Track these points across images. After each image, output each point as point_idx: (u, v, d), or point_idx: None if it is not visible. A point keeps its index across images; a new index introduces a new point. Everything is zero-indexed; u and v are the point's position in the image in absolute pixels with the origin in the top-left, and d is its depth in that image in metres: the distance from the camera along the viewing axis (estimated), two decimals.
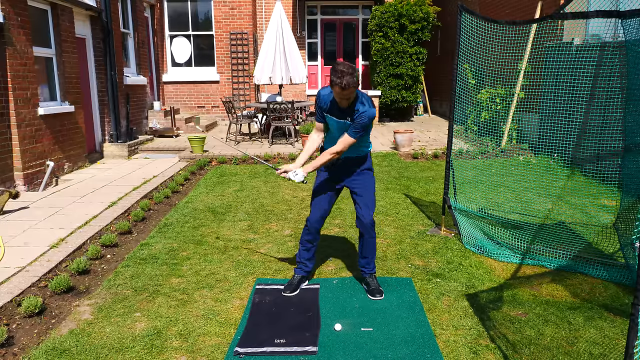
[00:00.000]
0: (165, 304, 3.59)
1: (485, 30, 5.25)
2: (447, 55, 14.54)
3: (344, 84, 3.21)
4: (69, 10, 8.05)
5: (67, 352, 3.00)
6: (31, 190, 6.75)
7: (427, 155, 8.99)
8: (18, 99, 6.58)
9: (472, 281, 3.90)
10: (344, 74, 3.20)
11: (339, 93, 3.29)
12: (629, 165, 4.55)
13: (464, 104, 5.45)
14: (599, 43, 6.54)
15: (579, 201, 5.65)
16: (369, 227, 3.65)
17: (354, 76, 3.22)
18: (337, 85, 3.23)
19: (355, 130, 3.41)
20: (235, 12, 13.49)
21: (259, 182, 7.25)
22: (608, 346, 3.00)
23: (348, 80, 3.20)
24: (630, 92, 4.44)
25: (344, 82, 3.20)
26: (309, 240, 3.77)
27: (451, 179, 5.02)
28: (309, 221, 3.74)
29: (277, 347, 3.04)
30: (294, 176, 3.60)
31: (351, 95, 3.32)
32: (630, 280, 3.82)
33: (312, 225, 3.73)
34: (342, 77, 3.20)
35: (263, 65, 10.69)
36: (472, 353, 2.95)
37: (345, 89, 3.24)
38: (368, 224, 3.64)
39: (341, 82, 3.21)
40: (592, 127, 6.12)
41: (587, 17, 3.94)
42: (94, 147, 9.27)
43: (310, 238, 3.77)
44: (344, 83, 3.20)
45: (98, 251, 4.47)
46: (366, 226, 3.65)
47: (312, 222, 3.72)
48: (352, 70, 3.23)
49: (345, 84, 3.21)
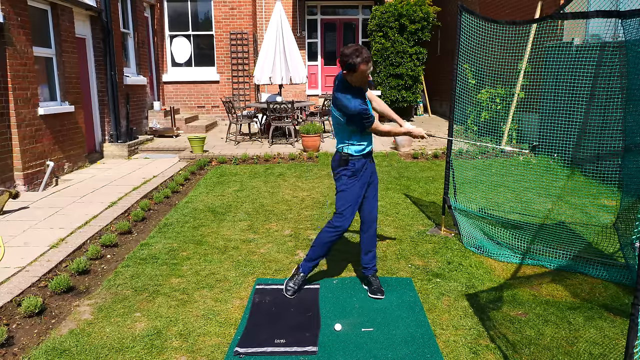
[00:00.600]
0: (165, 304, 3.59)
1: (485, 30, 5.24)
2: (447, 55, 14.54)
3: (365, 57, 3.23)
4: (69, 10, 8.05)
5: (67, 352, 3.00)
6: (31, 190, 6.75)
7: (427, 155, 9.00)
8: (18, 99, 6.58)
9: (472, 281, 3.90)
10: (357, 51, 3.23)
11: (364, 70, 3.27)
12: (629, 165, 4.55)
13: (464, 104, 5.45)
14: (599, 43, 6.54)
15: (579, 201, 5.65)
16: (375, 217, 3.76)
17: (364, 48, 3.28)
18: (364, 61, 3.23)
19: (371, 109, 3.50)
20: (235, 12, 13.49)
21: (259, 182, 7.25)
22: (608, 346, 3.00)
23: (366, 53, 3.24)
24: (630, 92, 4.44)
25: (364, 55, 3.23)
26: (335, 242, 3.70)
27: (451, 179, 5.02)
28: (342, 228, 3.59)
29: (277, 347, 3.04)
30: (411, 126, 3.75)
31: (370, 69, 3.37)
32: (630, 280, 3.81)
33: (345, 231, 3.64)
34: (360, 53, 3.23)
35: (263, 65, 10.69)
36: (472, 353, 2.95)
37: (370, 62, 3.27)
38: (376, 216, 3.76)
39: (362, 57, 3.21)
40: (592, 127, 6.12)
41: (587, 17, 3.94)
42: (94, 147, 9.27)
43: (336, 241, 3.70)
44: (365, 56, 3.24)
45: (98, 251, 4.47)
46: (375, 217, 3.74)
47: (346, 228, 3.62)
48: (359, 45, 3.29)
49: (366, 57, 3.24)
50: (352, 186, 3.56)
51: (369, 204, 3.70)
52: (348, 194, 3.56)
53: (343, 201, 3.57)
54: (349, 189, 3.56)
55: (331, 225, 3.62)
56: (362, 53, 3.22)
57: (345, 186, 3.56)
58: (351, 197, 3.56)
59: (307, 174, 7.71)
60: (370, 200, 3.71)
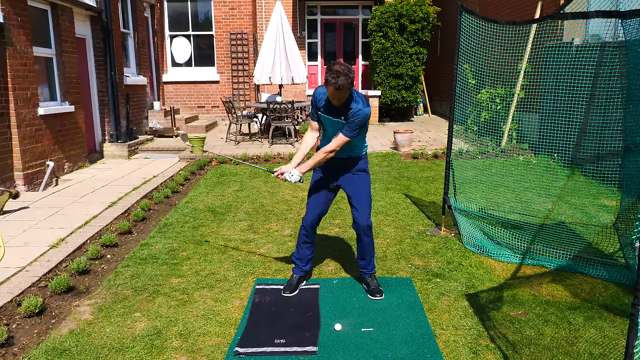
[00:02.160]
0: (165, 304, 3.59)
1: (485, 30, 5.24)
2: (447, 55, 14.54)
3: (338, 85, 3.20)
4: (69, 10, 8.05)
5: (67, 352, 3.00)
6: (31, 190, 6.75)
7: (427, 155, 8.99)
8: (18, 99, 6.58)
9: (472, 281, 3.90)
10: (339, 74, 3.19)
11: (333, 93, 3.29)
12: (629, 165, 4.55)
13: (464, 104, 5.45)
14: (599, 43, 6.54)
15: (579, 201, 5.65)
16: (365, 229, 3.64)
17: (349, 77, 3.20)
18: (332, 85, 3.22)
19: (350, 128, 3.39)
20: (235, 12, 13.49)
21: (259, 182, 7.25)
22: (608, 346, 3.00)
23: (343, 82, 3.19)
24: (630, 92, 4.44)
25: (338, 83, 3.19)
26: (306, 240, 3.77)
27: (451, 179, 5.02)
28: (305, 221, 3.73)
29: (277, 347, 3.04)
30: (290, 177, 3.60)
31: (344, 97, 3.31)
32: (630, 280, 3.81)
33: (308, 225, 3.72)
34: (337, 77, 3.19)
35: (263, 65, 10.69)
36: (472, 353, 2.95)
37: (339, 90, 3.23)
38: (364, 226, 3.63)
39: (336, 82, 3.19)
40: (592, 127, 6.12)
41: (587, 17, 3.94)
42: (94, 147, 9.27)
43: (307, 239, 3.76)
44: (339, 84, 3.19)
45: (98, 251, 4.47)
46: (362, 228, 3.64)
47: (308, 222, 3.71)
48: (347, 71, 3.21)
49: (340, 85, 3.20)
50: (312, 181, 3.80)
51: (353, 214, 3.68)
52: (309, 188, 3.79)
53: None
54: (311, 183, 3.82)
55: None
56: (337, 78, 3.18)
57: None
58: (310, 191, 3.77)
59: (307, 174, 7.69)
60: (354, 210, 3.67)
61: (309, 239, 3.77)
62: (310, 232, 3.74)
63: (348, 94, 3.30)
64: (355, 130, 3.40)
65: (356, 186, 3.65)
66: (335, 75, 3.19)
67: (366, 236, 3.67)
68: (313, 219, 3.71)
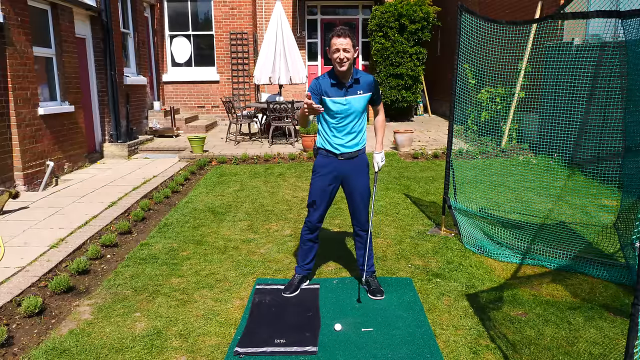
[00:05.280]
0: (165, 304, 3.59)
1: (485, 30, 5.24)
2: (447, 56, 14.53)
3: (346, 33, 3.26)
4: (69, 10, 8.05)
5: (67, 352, 3.00)
6: (31, 190, 6.75)
7: (427, 155, 8.99)
8: (18, 98, 6.58)
9: (472, 281, 3.90)
10: (343, 29, 3.30)
11: (340, 44, 3.26)
12: (629, 165, 4.55)
13: (464, 104, 5.45)
14: (599, 43, 6.54)
15: (579, 201, 5.65)
16: (365, 227, 3.66)
17: (353, 33, 3.33)
18: (336, 35, 3.28)
19: (378, 95, 3.51)
20: (235, 12, 13.48)
21: (259, 182, 7.25)
22: (608, 346, 3.00)
23: (347, 30, 3.28)
24: (630, 92, 4.44)
25: (346, 32, 3.26)
26: (310, 239, 3.76)
27: (451, 179, 5.02)
28: (309, 222, 3.71)
29: (277, 347, 3.03)
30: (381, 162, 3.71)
31: (351, 50, 3.29)
32: (630, 280, 3.81)
33: (313, 225, 3.70)
34: (340, 29, 3.30)
35: (263, 65, 10.68)
36: (472, 353, 2.95)
37: (346, 38, 3.26)
38: (364, 225, 3.66)
39: (343, 32, 3.26)
40: (592, 127, 6.12)
41: (587, 17, 3.94)
42: (94, 147, 9.27)
43: (311, 237, 3.75)
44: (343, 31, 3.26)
45: (98, 251, 4.47)
46: (363, 226, 3.66)
47: (313, 222, 3.69)
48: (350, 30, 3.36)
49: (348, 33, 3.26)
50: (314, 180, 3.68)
51: (353, 212, 3.69)
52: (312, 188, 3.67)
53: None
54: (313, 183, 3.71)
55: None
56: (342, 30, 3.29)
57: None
58: (313, 190, 3.65)
59: (307, 174, 7.70)
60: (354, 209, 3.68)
61: (314, 239, 3.76)
62: (315, 231, 3.73)
63: (355, 53, 3.32)
64: (379, 92, 3.54)
65: (356, 185, 3.64)
66: (338, 29, 3.31)
67: (366, 234, 3.67)
68: (317, 218, 3.68)
